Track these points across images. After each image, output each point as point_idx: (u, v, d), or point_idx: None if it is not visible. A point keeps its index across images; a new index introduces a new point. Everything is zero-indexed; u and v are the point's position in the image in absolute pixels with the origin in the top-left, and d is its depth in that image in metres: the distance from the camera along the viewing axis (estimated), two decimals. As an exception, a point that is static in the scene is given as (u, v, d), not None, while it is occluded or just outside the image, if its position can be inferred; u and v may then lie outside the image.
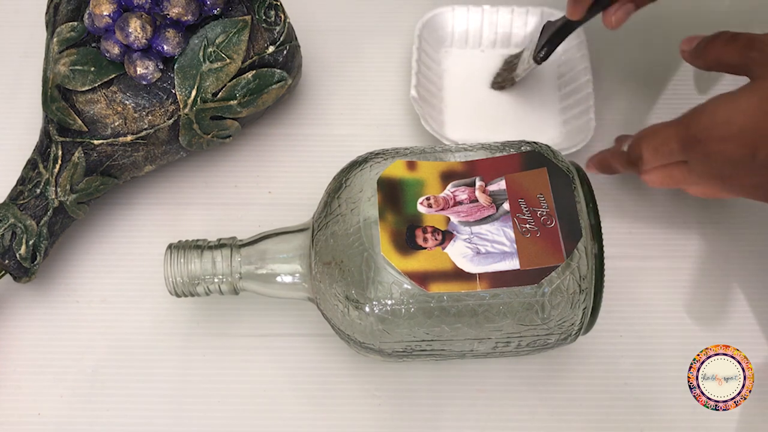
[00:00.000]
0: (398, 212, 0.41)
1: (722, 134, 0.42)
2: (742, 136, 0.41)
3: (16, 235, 0.47)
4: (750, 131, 0.41)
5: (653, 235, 0.52)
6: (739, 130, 0.41)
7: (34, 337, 0.50)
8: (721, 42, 0.45)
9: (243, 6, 0.49)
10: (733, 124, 0.41)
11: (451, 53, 0.59)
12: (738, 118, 0.41)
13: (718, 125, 0.42)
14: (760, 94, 0.41)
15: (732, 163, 0.42)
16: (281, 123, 0.57)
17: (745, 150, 0.41)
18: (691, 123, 0.43)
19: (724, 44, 0.44)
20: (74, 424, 0.47)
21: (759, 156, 0.41)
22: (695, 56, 0.46)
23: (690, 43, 0.47)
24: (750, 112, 0.41)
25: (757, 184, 0.43)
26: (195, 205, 0.54)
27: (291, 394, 0.48)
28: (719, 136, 0.42)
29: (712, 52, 0.45)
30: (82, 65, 0.48)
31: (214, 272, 0.44)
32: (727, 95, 0.42)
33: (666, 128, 0.45)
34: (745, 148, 0.41)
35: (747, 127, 0.41)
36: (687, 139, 0.43)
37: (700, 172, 0.44)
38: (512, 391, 0.48)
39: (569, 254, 0.40)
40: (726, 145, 0.42)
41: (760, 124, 0.40)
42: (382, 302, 0.40)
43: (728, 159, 0.42)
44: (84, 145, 0.48)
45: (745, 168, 0.42)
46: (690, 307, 0.50)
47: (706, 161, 0.43)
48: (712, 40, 0.45)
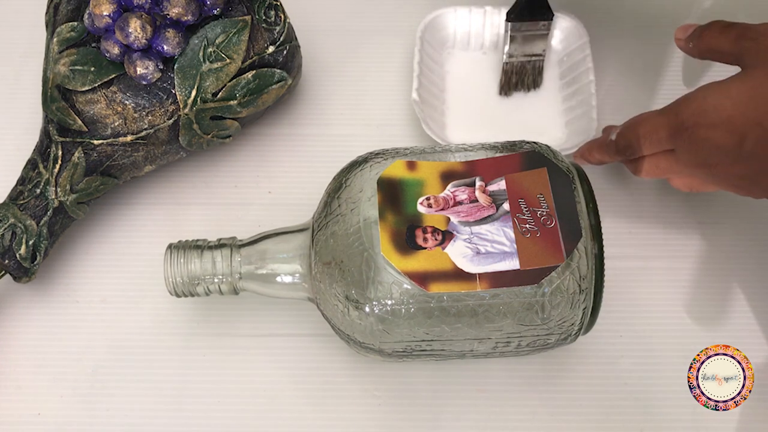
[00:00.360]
0: (398, 212, 0.41)
1: (711, 121, 0.42)
2: (730, 123, 0.41)
3: (16, 235, 0.47)
4: (738, 119, 0.41)
5: (653, 235, 0.52)
6: (727, 118, 0.41)
7: (34, 337, 0.50)
8: (715, 30, 0.45)
9: (243, 6, 0.49)
10: (722, 111, 0.41)
11: (453, 55, 0.59)
12: (727, 105, 0.41)
13: (707, 112, 0.42)
14: (751, 83, 0.41)
15: (719, 150, 0.42)
16: (281, 123, 0.57)
17: (732, 138, 0.41)
18: (680, 110, 0.43)
19: (719, 33, 0.44)
20: (74, 424, 0.47)
21: (746, 144, 0.41)
22: (689, 44, 0.46)
23: (685, 31, 0.47)
24: (740, 100, 0.41)
25: (743, 174, 0.43)
26: (195, 205, 0.54)
27: (291, 394, 0.48)
28: (708, 122, 0.42)
29: (705, 40, 0.45)
30: (82, 65, 0.48)
31: (214, 272, 0.44)
32: (717, 83, 0.42)
33: (654, 117, 0.45)
34: (732, 135, 0.41)
35: (736, 115, 0.41)
36: (675, 127, 0.43)
37: (686, 161, 0.44)
38: (512, 391, 0.48)
39: (569, 254, 0.40)
40: (714, 132, 0.41)
41: (748, 112, 0.41)
42: (382, 302, 0.40)
43: (715, 146, 0.42)
44: (84, 145, 0.48)
45: (731, 156, 0.42)
46: (690, 307, 0.50)
47: (693, 149, 0.43)
48: (706, 28, 0.45)
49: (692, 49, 0.46)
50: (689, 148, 0.43)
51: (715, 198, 0.53)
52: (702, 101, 0.42)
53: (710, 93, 0.42)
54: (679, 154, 0.44)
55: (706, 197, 0.53)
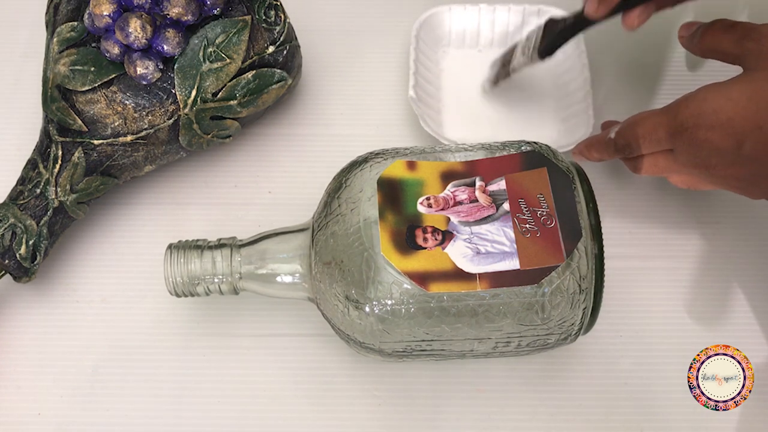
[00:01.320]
0: (398, 212, 0.41)
1: (710, 122, 0.41)
2: (730, 125, 0.41)
3: (16, 235, 0.47)
4: (738, 121, 0.41)
5: (653, 235, 0.52)
6: (727, 120, 0.41)
7: (34, 337, 0.50)
8: (718, 30, 0.44)
9: (243, 6, 0.49)
10: (722, 113, 0.41)
11: (449, 53, 0.59)
12: (727, 107, 0.41)
13: (707, 113, 0.42)
14: (752, 85, 0.41)
15: (717, 152, 0.42)
16: (281, 123, 0.57)
17: (731, 140, 0.41)
18: (680, 111, 0.43)
19: (722, 32, 0.44)
20: (74, 424, 0.47)
21: (745, 147, 0.41)
22: (692, 42, 0.46)
23: (688, 29, 0.47)
24: (740, 102, 0.41)
25: (740, 175, 0.43)
26: (195, 205, 0.54)
27: (291, 394, 0.48)
28: (707, 124, 0.42)
29: (708, 39, 0.45)
30: (82, 65, 0.48)
31: (214, 272, 0.44)
32: (717, 84, 0.42)
33: (654, 116, 0.45)
34: (731, 138, 0.41)
35: (735, 117, 0.41)
36: (674, 128, 0.43)
37: (685, 161, 0.44)
38: (512, 391, 0.48)
39: (569, 254, 0.40)
40: (713, 134, 0.41)
41: (748, 115, 0.40)
42: (382, 302, 0.40)
43: (714, 148, 0.42)
44: (84, 145, 0.48)
45: (729, 158, 0.42)
46: (690, 307, 0.50)
47: (691, 150, 0.43)
48: (709, 27, 0.45)
49: (695, 47, 0.46)
50: (688, 149, 0.43)
51: (715, 198, 0.53)
52: (702, 102, 0.42)
53: (710, 94, 0.42)
54: (677, 154, 0.44)
55: (706, 197, 0.53)
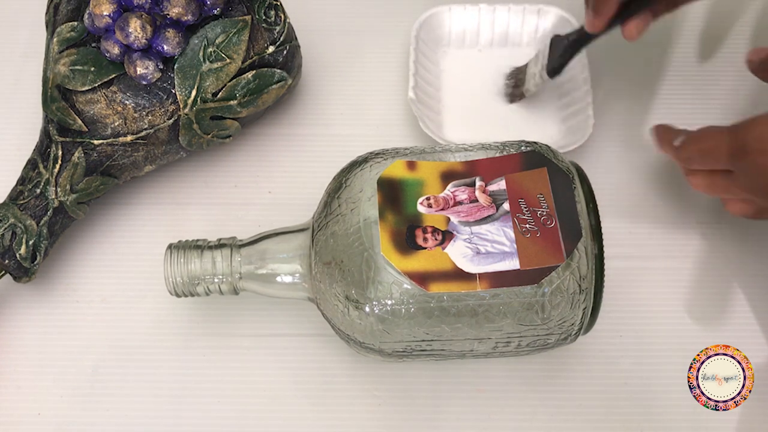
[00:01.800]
0: (398, 212, 0.41)
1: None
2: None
3: (16, 235, 0.47)
4: None
5: (653, 235, 0.52)
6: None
7: (34, 337, 0.50)
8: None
9: (243, 6, 0.49)
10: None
11: (449, 53, 0.59)
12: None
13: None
14: None
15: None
16: (281, 123, 0.57)
17: None
18: (745, 133, 0.42)
19: None
20: (74, 424, 0.47)
21: None
22: (762, 69, 0.45)
23: (758, 54, 0.46)
24: None
25: None
26: (195, 205, 0.54)
27: (291, 394, 0.48)
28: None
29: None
30: (82, 65, 0.48)
31: (214, 272, 0.44)
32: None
33: (718, 134, 0.43)
34: None
35: None
36: (737, 149, 0.42)
37: (743, 184, 0.43)
38: (512, 391, 0.48)
39: (569, 254, 0.40)
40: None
41: None
42: (382, 302, 0.40)
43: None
44: (84, 145, 0.48)
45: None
46: (690, 307, 0.50)
47: (752, 174, 0.42)
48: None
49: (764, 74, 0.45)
50: (749, 172, 0.42)
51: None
52: (766, 126, 0.41)
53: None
54: (737, 176, 0.43)
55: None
